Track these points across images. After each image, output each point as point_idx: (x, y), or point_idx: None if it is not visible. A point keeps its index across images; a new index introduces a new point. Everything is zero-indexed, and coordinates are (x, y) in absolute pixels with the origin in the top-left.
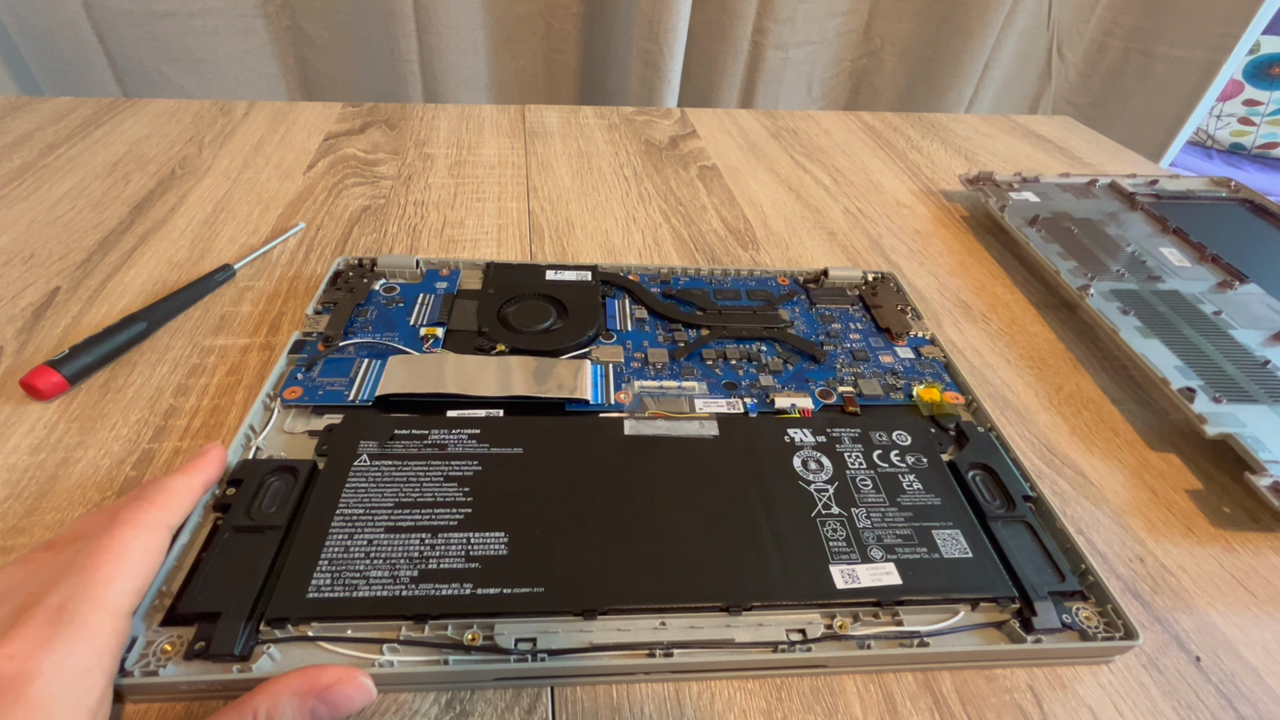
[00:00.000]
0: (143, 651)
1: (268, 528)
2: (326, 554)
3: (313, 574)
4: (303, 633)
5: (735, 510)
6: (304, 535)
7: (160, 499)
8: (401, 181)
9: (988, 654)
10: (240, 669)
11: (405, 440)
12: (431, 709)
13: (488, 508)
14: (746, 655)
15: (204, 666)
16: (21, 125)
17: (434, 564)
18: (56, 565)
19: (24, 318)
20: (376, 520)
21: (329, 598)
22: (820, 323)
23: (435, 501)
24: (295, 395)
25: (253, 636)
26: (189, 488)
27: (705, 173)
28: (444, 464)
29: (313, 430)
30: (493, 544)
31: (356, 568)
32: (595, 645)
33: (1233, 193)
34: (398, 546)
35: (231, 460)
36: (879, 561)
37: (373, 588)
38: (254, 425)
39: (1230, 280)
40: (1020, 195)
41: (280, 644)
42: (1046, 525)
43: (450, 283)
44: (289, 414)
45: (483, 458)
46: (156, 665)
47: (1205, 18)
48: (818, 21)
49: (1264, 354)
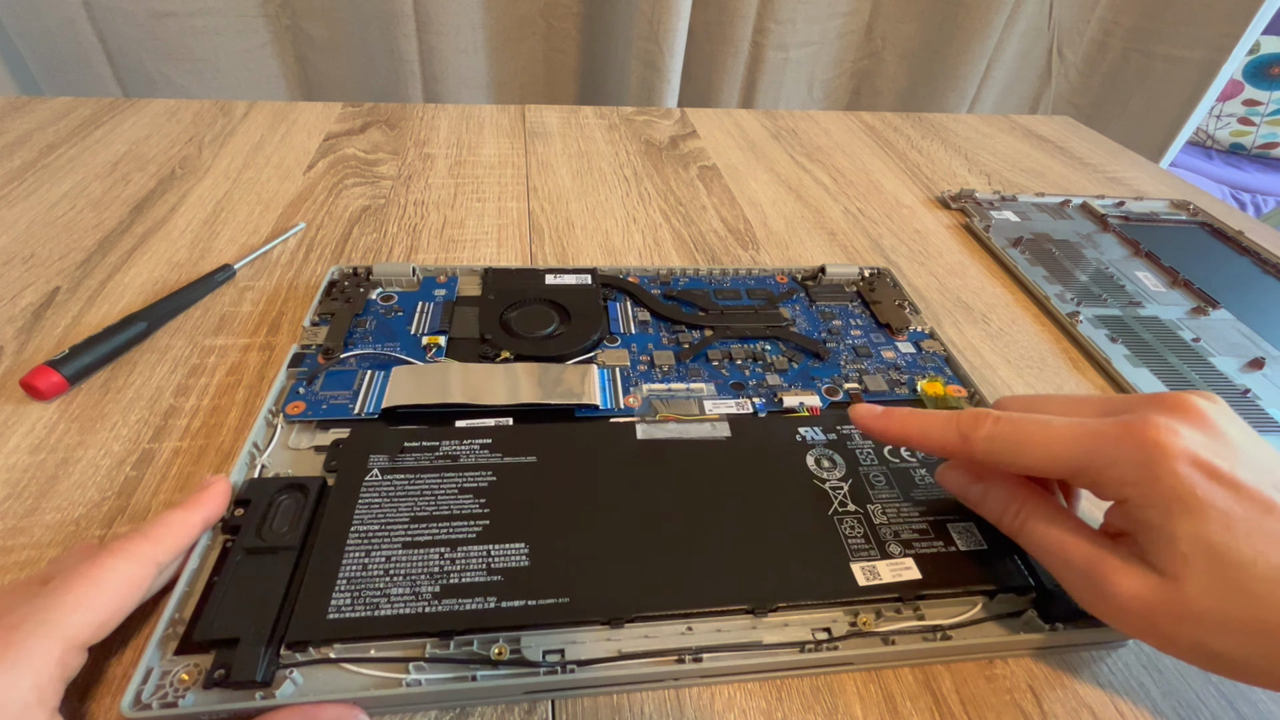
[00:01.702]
0: (159, 682)
1: (281, 548)
2: (344, 573)
3: (331, 594)
4: (324, 655)
5: (753, 511)
6: (319, 554)
7: (154, 533)
8: (401, 181)
9: (1008, 644)
10: (263, 695)
11: (416, 453)
12: (431, 709)
13: (506, 518)
14: (775, 657)
15: (225, 695)
16: (21, 125)
17: (455, 578)
18: (33, 590)
19: (24, 318)
20: (393, 536)
21: (350, 618)
22: (821, 320)
23: (452, 514)
24: (298, 410)
25: (274, 661)
26: (187, 524)
27: (705, 173)
28: (458, 475)
29: (319, 446)
30: (514, 555)
31: (376, 585)
32: (624, 654)
33: (1192, 215)
34: (417, 562)
35: (237, 480)
36: (898, 557)
37: (394, 605)
38: (258, 443)
39: (1203, 306)
40: (1001, 214)
41: (302, 667)
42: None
43: (448, 289)
44: (293, 430)
45: (496, 468)
46: (175, 696)
47: (1205, 18)
48: (818, 22)
49: (1243, 381)
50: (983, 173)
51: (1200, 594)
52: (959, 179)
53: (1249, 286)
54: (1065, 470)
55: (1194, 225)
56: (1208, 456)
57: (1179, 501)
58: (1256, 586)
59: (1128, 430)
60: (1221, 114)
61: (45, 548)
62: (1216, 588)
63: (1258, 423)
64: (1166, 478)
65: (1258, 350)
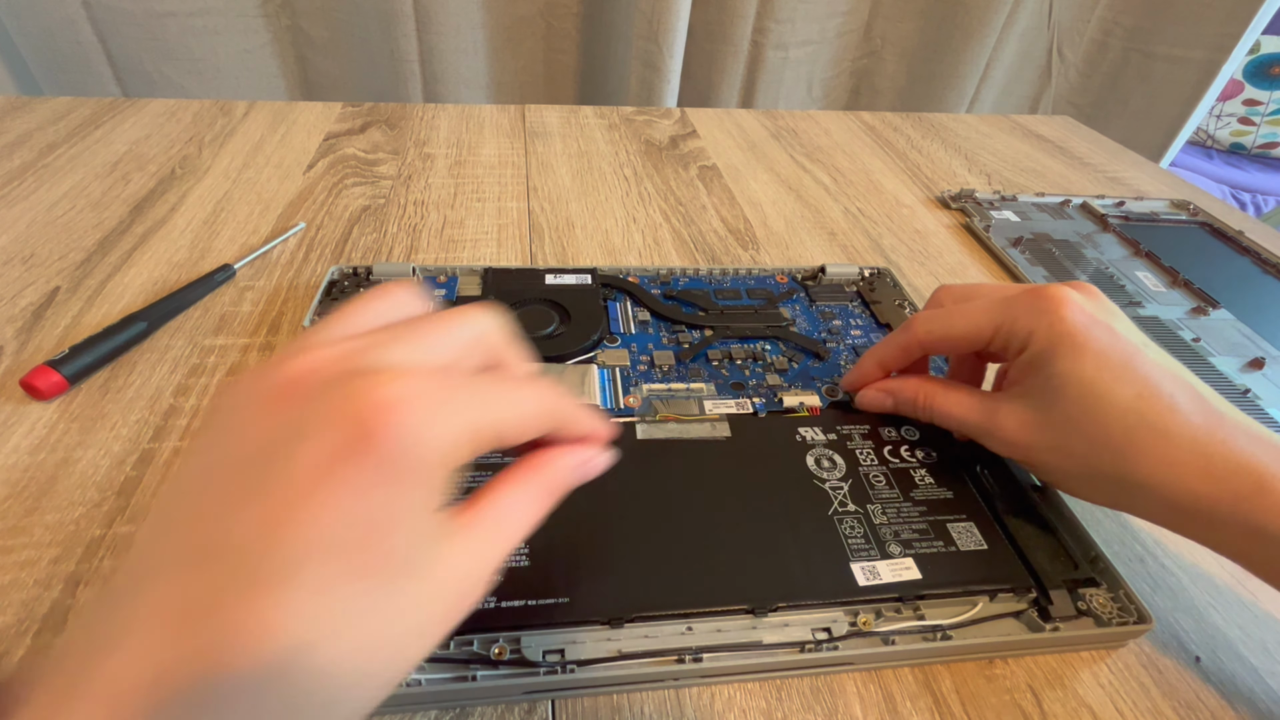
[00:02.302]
0: None
1: None
2: None
3: None
4: None
5: (753, 511)
6: None
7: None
8: (401, 181)
9: (1008, 644)
10: None
11: None
12: (431, 709)
13: None
14: (775, 657)
15: None
16: (21, 125)
17: None
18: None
19: (24, 318)
20: None
21: None
22: (821, 320)
23: None
24: None
25: None
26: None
27: (705, 173)
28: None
29: None
30: (513, 555)
31: None
32: (624, 654)
33: (1192, 215)
34: None
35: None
36: (898, 557)
37: None
38: None
39: (1203, 306)
40: (1001, 214)
41: None
42: (1055, 514)
43: (448, 290)
44: None
45: (496, 467)
46: None
47: (1205, 18)
48: (818, 21)
49: (1243, 381)
50: (983, 173)
51: (1066, 419)
52: (959, 179)
53: (1249, 286)
54: (986, 332)
55: (1194, 225)
56: (1092, 310)
57: (1066, 339)
58: (1110, 410)
59: (1033, 291)
60: (1222, 114)
61: (45, 548)
62: (1080, 413)
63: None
64: (1058, 323)
65: (1258, 350)
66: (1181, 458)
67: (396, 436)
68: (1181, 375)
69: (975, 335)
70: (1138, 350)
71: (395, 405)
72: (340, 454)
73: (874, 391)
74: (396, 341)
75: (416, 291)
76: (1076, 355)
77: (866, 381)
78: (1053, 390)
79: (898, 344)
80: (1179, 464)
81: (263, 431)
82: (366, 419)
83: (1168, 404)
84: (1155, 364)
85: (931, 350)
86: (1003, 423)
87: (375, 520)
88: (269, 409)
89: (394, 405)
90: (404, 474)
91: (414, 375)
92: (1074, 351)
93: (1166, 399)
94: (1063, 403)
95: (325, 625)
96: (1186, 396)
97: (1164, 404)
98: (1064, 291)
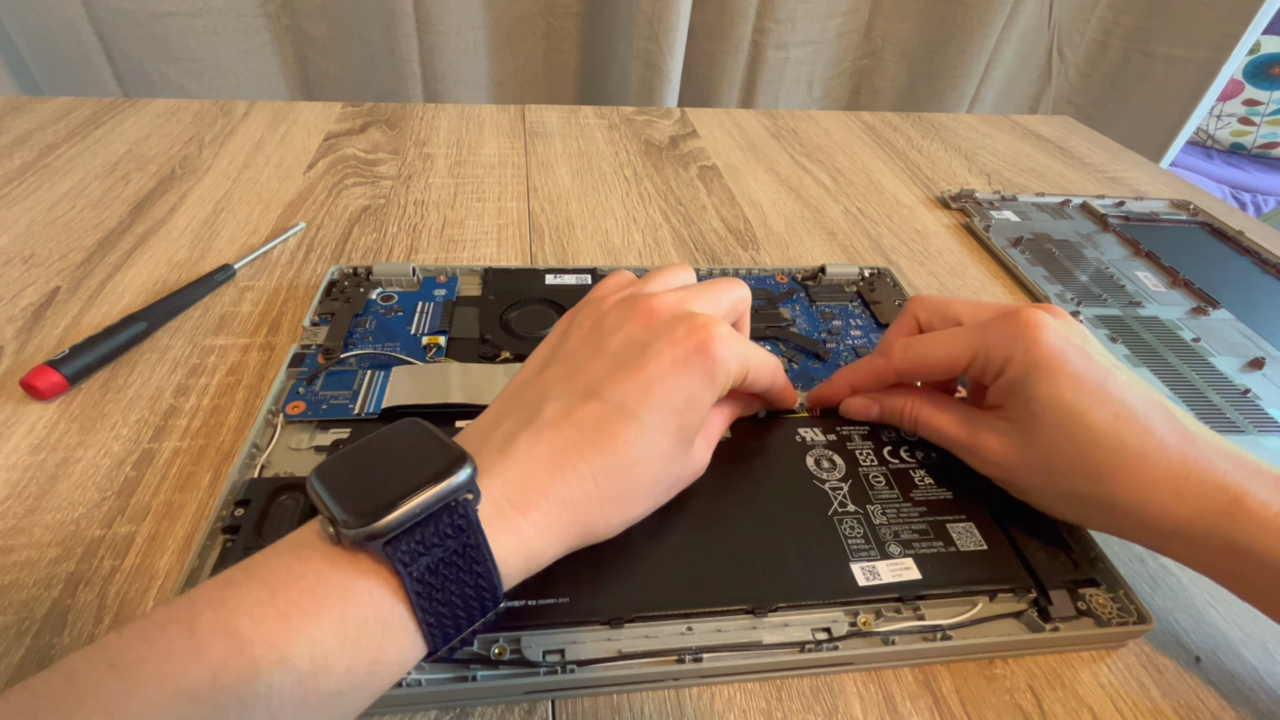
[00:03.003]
0: None
1: None
2: None
3: None
4: None
5: (753, 511)
6: None
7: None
8: (401, 181)
9: (1008, 644)
10: None
11: None
12: (431, 709)
13: None
14: (775, 657)
15: None
16: (21, 125)
17: None
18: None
19: (24, 318)
20: None
21: None
22: (821, 320)
23: None
24: (298, 410)
25: None
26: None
27: (705, 173)
28: None
29: (319, 446)
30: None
31: None
32: (624, 654)
33: (1192, 215)
34: None
35: (237, 479)
36: (898, 557)
37: None
38: (258, 443)
39: (1203, 306)
40: (1001, 214)
41: None
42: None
43: (448, 290)
44: (293, 430)
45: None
46: None
47: (1205, 18)
48: (818, 21)
49: (1243, 382)
50: (983, 173)
51: (1046, 443)
52: (959, 179)
53: (1249, 286)
54: (963, 361)
55: (1194, 225)
56: (1066, 334)
57: (1041, 365)
58: (1089, 435)
59: (1007, 316)
60: (1222, 114)
61: (45, 548)
62: (1060, 436)
63: (1258, 423)
64: (1034, 348)
65: (1258, 350)
66: (1157, 478)
67: (717, 354)
68: (1154, 396)
69: (952, 364)
70: (1110, 373)
71: (717, 338)
72: (687, 358)
73: (861, 401)
74: (699, 297)
75: (690, 270)
76: (1053, 379)
77: (833, 401)
78: (1031, 414)
79: (872, 369)
80: (1155, 484)
81: (637, 330)
82: (704, 340)
83: (1143, 425)
84: (1129, 385)
85: (907, 378)
86: (984, 443)
87: (693, 399)
88: (641, 319)
89: (717, 337)
90: (715, 376)
91: (720, 322)
92: (1050, 375)
93: (1142, 420)
94: (1042, 426)
95: (653, 450)
96: (1161, 418)
97: (1140, 425)
98: (1038, 315)
